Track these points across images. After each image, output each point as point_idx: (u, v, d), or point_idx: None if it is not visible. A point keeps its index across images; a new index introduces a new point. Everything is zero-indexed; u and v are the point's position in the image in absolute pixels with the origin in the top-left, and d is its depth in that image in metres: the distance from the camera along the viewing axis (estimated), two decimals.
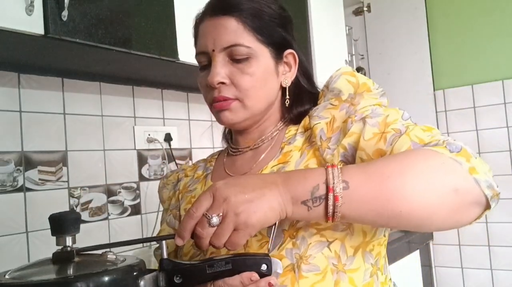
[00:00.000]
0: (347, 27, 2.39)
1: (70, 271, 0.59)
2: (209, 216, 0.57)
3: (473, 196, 0.58)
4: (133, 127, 1.63)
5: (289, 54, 0.81)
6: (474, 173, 0.58)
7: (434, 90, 2.53)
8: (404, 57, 2.61)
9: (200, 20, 0.80)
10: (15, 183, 1.28)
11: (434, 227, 0.61)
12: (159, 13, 1.27)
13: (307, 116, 0.79)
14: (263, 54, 0.76)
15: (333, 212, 0.58)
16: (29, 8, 0.96)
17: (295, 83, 0.83)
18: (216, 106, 0.77)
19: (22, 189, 1.30)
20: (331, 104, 0.76)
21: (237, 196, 0.58)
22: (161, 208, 1.66)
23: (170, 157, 1.73)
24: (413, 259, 2.17)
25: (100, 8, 1.10)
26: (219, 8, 0.76)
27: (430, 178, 0.58)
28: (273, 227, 0.62)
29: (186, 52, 1.31)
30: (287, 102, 0.82)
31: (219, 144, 1.96)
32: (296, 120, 0.83)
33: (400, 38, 2.61)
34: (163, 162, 1.71)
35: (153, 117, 1.70)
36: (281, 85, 0.81)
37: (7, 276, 0.56)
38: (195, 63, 0.87)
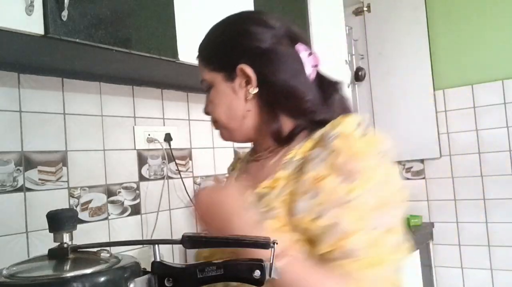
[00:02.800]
0: (347, 27, 2.39)
1: (66, 267, 0.60)
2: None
3: None
4: (133, 127, 1.63)
5: (239, 70, 0.82)
6: None
7: (434, 90, 2.53)
8: (404, 57, 2.61)
9: None
10: (15, 183, 1.28)
11: None
12: (159, 13, 1.27)
13: (308, 147, 0.77)
14: (217, 81, 0.85)
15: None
16: (29, 8, 0.96)
17: (268, 92, 0.82)
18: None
19: (22, 189, 1.30)
20: (327, 162, 0.72)
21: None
22: (161, 208, 1.67)
23: (170, 157, 1.73)
24: (413, 259, 2.17)
25: (100, 8, 1.10)
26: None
27: None
28: (272, 251, 0.57)
29: (186, 52, 1.31)
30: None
31: (219, 143, 1.96)
32: (291, 139, 0.82)
33: (400, 38, 2.62)
34: (163, 162, 1.71)
35: (153, 117, 1.70)
36: (258, 100, 0.82)
37: (4, 271, 0.57)
38: (195, 63, 0.88)
